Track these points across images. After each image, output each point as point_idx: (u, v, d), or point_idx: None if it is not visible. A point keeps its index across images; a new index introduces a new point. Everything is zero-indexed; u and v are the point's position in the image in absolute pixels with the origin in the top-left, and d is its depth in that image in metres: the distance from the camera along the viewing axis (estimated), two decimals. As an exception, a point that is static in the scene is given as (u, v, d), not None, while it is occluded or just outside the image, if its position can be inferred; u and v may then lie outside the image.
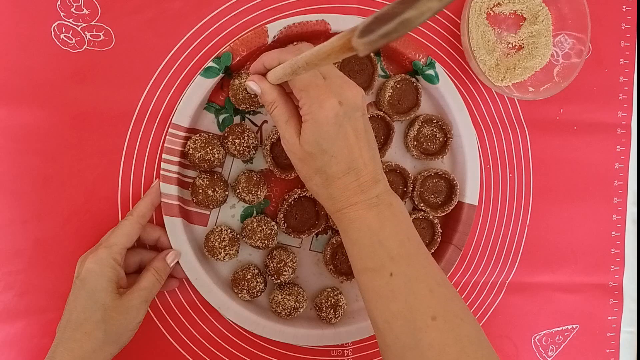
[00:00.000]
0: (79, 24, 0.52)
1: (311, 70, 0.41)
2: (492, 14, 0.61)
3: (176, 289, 0.56)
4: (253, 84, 0.45)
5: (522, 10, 0.61)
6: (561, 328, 0.66)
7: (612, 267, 0.67)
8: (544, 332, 0.65)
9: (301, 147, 0.42)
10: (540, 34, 0.61)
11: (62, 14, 0.52)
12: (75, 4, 0.52)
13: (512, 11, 0.62)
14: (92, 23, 0.52)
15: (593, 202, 0.66)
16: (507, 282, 0.63)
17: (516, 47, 0.62)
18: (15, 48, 0.51)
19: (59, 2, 0.51)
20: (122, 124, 0.53)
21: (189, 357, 0.56)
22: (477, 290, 0.63)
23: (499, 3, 0.61)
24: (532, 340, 0.65)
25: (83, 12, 0.52)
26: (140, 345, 0.54)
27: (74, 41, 0.52)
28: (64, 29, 0.52)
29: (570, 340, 0.66)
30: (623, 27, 0.65)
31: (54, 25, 0.52)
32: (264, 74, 0.46)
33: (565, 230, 0.65)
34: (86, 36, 0.52)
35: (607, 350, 0.67)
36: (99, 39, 0.53)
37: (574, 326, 0.66)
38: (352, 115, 0.42)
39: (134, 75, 0.53)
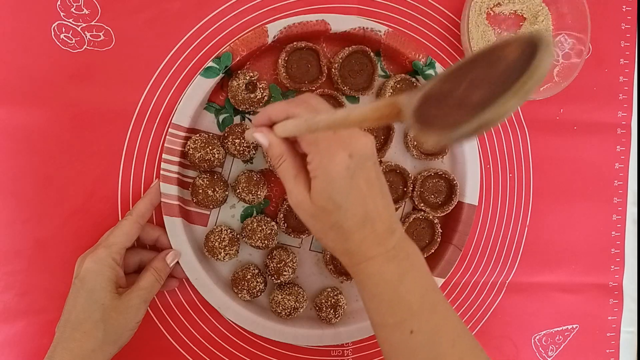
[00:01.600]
0: (79, 24, 0.52)
1: None
2: (492, 14, 0.61)
3: (176, 289, 0.56)
4: (261, 136, 0.43)
5: (522, 10, 0.61)
6: (561, 328, 0.66)
7: (612, 267, 0.67)
8: (544, 332, 0.65)
9: (312, 204, 0.41)
10: (540, 34, 0.61)
11: (62, 14, 0.52)
12: (75, 4, 0.52)
13: (512, 11, 0.62)
14: (92, 23, 0.52)
15: (593, 202, 0.66)
16: (507, 282, 0.63)
17: (516, 47, 0.62)
18: (15, 48, 0.51)
19: (59, 2, 0.51)
20: (122, 124, 0.53)
21: (189, 357, 0.56)
22: (477, 290, 0.63)
23: (499, 3, 0.61)
24: (532, 340, 0.65)
25: (83, 12, 0.52)
26: (140, 345, 0.54)
27: (74, 41, 0.52)
28: (64, 29, 0.52)
29: (570, 340, 0.66)
30: (623, 27, 0.65)
31: (54, 25, 0.52)
32: (269, 125, 0.44)
33: (565, 230, 0.65)
34: (86, 36, 0.52)
35: (607, 350, 0.67)
36: (99, 39, 0.53)
37: (574, 326, 0.66)
38: (363, 165, 0.40)
39: (134, 75, 0.53)
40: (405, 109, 0.27)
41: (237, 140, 0.53)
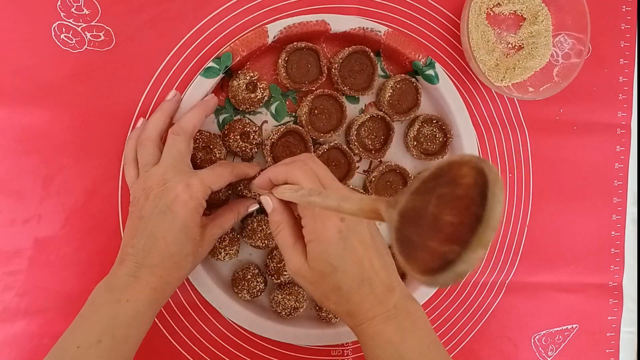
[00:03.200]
0: (79, 24, 0.52)
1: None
2: (492, 14, 0.61)
3: (176, 288, 0.55)
4: (265, 201, 0.46)
5: (522, 10, 0.61)
6: (561, 328, 0.66)
7: (612, 267, 0.67)
8: (544, 332, 0.65)
9: (310, 269, 0.42)
10: (540, 34, 0.61)
11: (62, 14, 0.52)
12: (75, 4, 0.52)
13: (512, 11, 0.62)
14: (93, 23, 0.52)
15: (593, 202, 0.66)
16: (507, 282, 0.63)
17: (516, 47, 0.62)
18: (15, 48, 0.51)
19: (59, 2, 0.51)
20: (122, 124, 0.53)
21: (189, 357, 0.56)
22: (477, 290, 0.63)
23: (499, 3, 0.61)
24: (532, 340, 0.65)
25: (83, 12, 0.52)
26: (141, 345, 0.54)
27: (74, 41, 0.52)
28: (64, 29, 0.52)
29: (570, 340, 0.66)
30: (623, 27, 0.65)
31: (54, 26, 0.52)
32: (270, 186, 0.46)
33: (565, 230, 0.65)
34: (86, 36, 0.52)
35: (607, 350, 0.67)
36: (99, 39, 0.53)
37: (574, 326, 0.66)
38: (356, 228, 0.42)
39: (134, 75, 0.53)
40: (388, 223, 0.29)
41: (238, 137, 0.52)
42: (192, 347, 0.56)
